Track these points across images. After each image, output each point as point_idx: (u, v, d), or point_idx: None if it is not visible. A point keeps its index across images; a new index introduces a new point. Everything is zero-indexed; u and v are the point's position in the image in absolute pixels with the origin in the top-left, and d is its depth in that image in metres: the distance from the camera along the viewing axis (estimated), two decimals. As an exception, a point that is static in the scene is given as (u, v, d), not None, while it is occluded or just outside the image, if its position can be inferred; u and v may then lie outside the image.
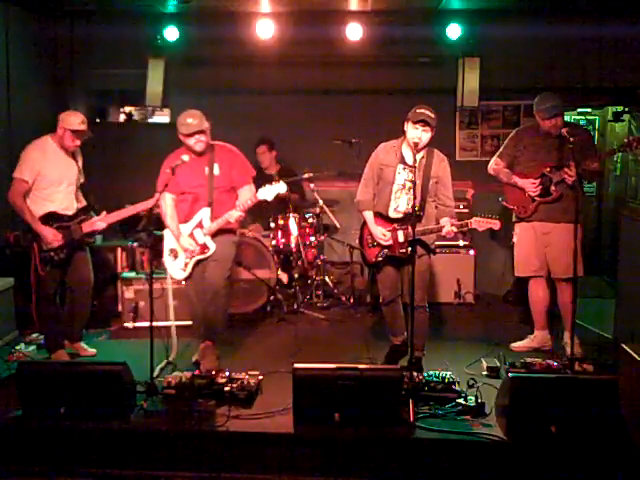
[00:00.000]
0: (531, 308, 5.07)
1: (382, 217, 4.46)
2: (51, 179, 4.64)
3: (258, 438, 3.62)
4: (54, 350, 4.79)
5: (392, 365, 4.39)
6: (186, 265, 4.63)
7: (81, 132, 4.70)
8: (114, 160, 6.47)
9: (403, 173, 4.37)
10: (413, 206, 4.02)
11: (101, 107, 7.59)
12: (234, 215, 4.46)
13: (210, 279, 4.57)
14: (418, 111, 4.25)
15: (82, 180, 4.94)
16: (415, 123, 4.23)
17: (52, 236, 4.59)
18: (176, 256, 4.66)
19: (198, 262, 4.61)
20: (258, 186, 4.71)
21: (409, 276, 4.09)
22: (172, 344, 4.77)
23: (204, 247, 4.56)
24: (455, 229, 4.26)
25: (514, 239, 5.11)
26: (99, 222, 4.80)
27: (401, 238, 4.37)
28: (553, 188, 4.83)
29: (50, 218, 4.64)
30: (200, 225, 4.55)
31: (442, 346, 4.92)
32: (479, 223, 4.23)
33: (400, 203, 4.40)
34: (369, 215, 4.49)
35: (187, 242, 4.57)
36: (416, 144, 4.21)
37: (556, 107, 4.74)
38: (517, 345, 5.07)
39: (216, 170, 4.56)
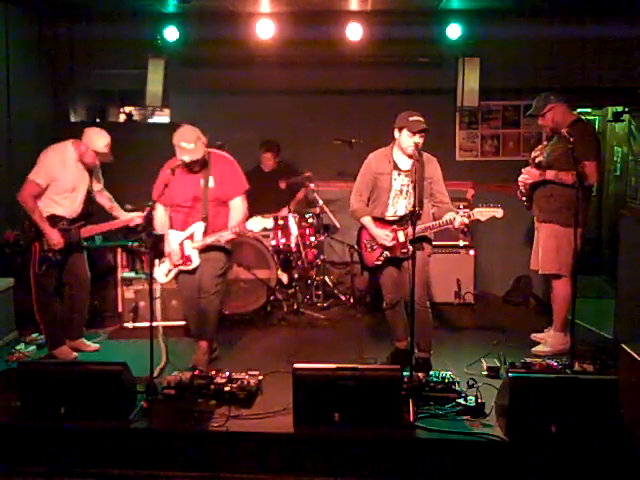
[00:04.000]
0: None
1: (380, 221, 4.48)
2: (65, 187, 4.67)
3: (258, 438, 3.62)
4: (56, 347, 4.80)
5: (392, 365, 4.39)
6: (169, 271, 4.63)
7: (103, 155, 4.73)
8: (114, 160, 6.46)
9: (399, 179, 4.41)
10: (414, 206, 4.02)
11: (101, 107, 7.60)
12: (225, 237, 4.45)
13: (201, 277, 4.58)
14: (413, 119, 4.26)
15: (101, 186, 4.98)
16: (415, 133, 4.24)
17: (57, 238, 4.63)
18: (163, 261, 4.65)
19: (181, 272, 4.60)
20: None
21: (410, 274, 4.10)
22: (160, 345, 4.76)
23: (188, 259, 4.54)
24: (466, 220, 4.24)
25: None
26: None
27: (402, 238, 4.38)
28: (526, 187, 5.00)
29: (54, 220, 4.67)
30: (191, 238, 4.53)
31: (442, 346, 4.92)
32: (481, 213, 4.22)
33: (398, 208, 4.44)
34: (367, 220, 4.49)
35: (172, 249, 4.56)
36: (413, 152, 4.24)
37: (533, 109, 4.98)
38: (536, 335, 5.18)
39: (211, 183, 4.53)
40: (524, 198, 5.09)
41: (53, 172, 4.59)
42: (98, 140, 4.68)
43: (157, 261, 4.64)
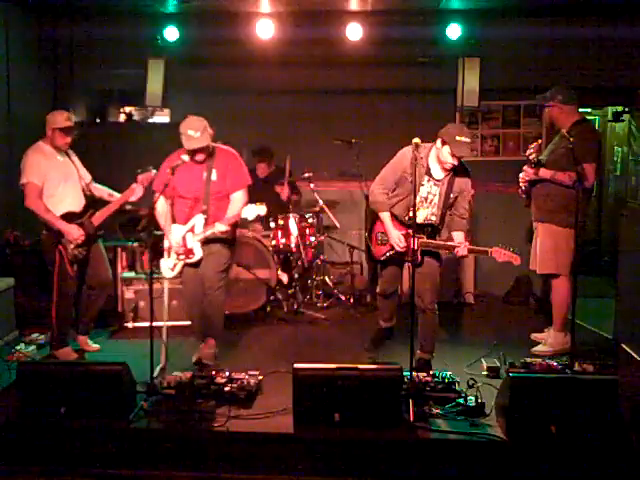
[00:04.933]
0: None
1: (397, 220, 4.44)
2: (59, 178, 4.68)
3: (258, 438, 3.62)
4: (60, 347, 4.80)
5: (392, 365, 4.38)
6: (175, 266, 4.65)
7: (68, 129, 4.73)
8: (114, 160, 6.48)
9: (427, 185, 4.31)
10: (413, 217, 4.01)
11: (101, 107, 7.59)
12: (219, 228, 4.44)
13: (204, 272, 4.59)
14: (460, 140, 4.10)
15: (89, 178, 4.98)
16: (456, 157, 4.16)
17: (76, 232, 4.65)
18: (169, 255, 4.68)
19: (187, 265, 4.62)
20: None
21: (419, 277, 4.10)
22: (163, 346, 4.76)
23: (190, 251, 4.56)
24: (466, 253, 4.24)
25: None
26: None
27: (415, 246, 4.23)
28: (526, 185, 5.00)
29: (67, 218, 4.69)
30: (192, 230, 4.55)
31: (442, 346, 4.91)
32: (499, 254, 4.16)
33: (419, 215, 4.34)
34: (387, 216, 4.43)
35: (174, 241, 4.58)
36: (450, 167, 4.22)
37: (542, 95, 4.96)
38: (536, 335, 5.21)
39: (214, 176, 4.55)
40: (524, 196, 5.09)
41: (41, 168, 4.61)
42: (58, 118, 4.70)
43: (165, 255, 4.68)
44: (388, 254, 4.48)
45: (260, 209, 4.47)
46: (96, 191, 5.01)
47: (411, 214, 4.32)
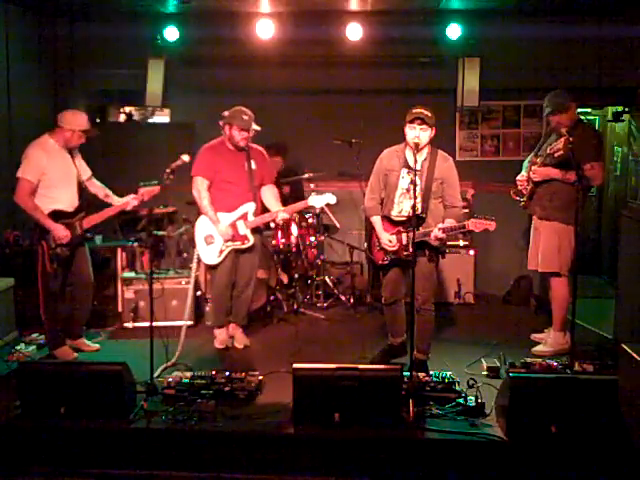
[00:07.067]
0: None
1: (387, 220, 4.48)
2: (57, 177, 4.67)
3: (258, 438, 3.63)
4: (57, 347, 4.81)
5: (392, 365, 4.39)
6: (221, 252, 4.88)
7: (89, 130, 4.78)
8: (114, 160, 6.47)
9: (407, 177, 4.35)
10: (413, 206, 4.00)
11: (101, 107, 7.59)
12: (282, 216, 4.82)
13: (246, 268, 4.99)
14: (413, 111, 4.27)
15: (89, 174, 4.98)
16: (411, 122, 4.23)
17: (62, 231, 4.63)
18: (211, 242, 4.87)
19: (233, 251, 4.88)
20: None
21: (416, 277, 4.10)
22: (179, 345, 4.78)
23: (245, 238, 4.86)
24: (441, 234, 4.21)
25: None
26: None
27: (405, 241, 4.35)
28: (530, 185, 4.97)
29: (56, 216, 4.67)
30: (244, 217, 4.86)
31: (442, 346, 4.92)
32: (476, 225, 4.17)
33: (404, 207, 4.39)
34: (377, 220, 4.49)
35: (226, 229, 4.81)
36: (417, 144, 4.18)
37: (554, 105, 4.86)
38: (536, 335, 5.21)
39: (253, 165, 4.93)
40: (518, 198, 5.07)
41: (40, 165, 4.59)
42: (80, 119, 4.74)
43: (203, 243, 4.88)
44: (387, 258, 4.47)
45: (329, 198, 4.78)
46: (92, 187, 4.99)
47: (398, 208, 4.43)
